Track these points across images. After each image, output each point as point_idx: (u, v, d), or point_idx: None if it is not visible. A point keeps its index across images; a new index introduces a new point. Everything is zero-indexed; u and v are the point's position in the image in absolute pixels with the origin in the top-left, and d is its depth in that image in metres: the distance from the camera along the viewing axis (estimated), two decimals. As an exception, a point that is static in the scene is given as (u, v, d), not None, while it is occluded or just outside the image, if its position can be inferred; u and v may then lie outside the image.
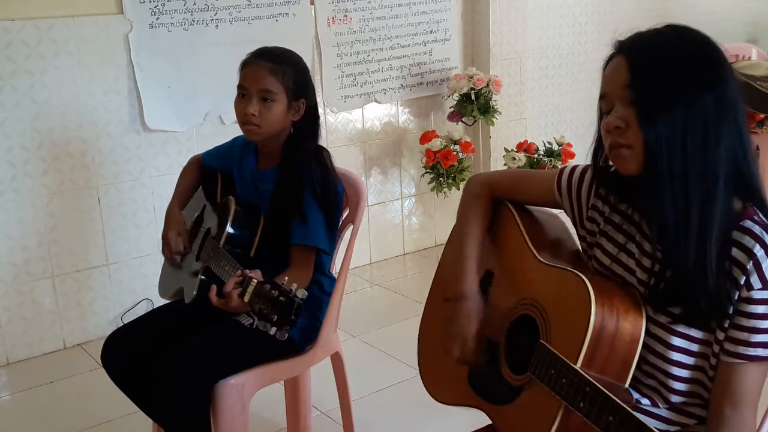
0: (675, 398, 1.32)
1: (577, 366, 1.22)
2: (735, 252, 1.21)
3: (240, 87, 1.98)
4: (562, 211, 1.55)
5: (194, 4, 3.21)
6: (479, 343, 1.50)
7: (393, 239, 4.13)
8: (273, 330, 1.55)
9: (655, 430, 1.09)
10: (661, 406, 1.35)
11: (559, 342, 1.29)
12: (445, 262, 1.74)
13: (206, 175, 2.23)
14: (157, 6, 3.13)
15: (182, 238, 2.10)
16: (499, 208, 1.64)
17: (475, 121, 3.89)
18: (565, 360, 1.24)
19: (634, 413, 1.12)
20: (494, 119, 3.88)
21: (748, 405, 1.22)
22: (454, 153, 3.72)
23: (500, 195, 1.64)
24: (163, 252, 2.13)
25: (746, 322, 1.21)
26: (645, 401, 1.36)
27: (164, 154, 3.28)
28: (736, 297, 1.22)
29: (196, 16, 3.23)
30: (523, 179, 1.65)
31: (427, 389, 1.67)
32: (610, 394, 1.15)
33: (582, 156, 1.43)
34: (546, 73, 4.47)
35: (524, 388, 1.34)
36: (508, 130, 4.20)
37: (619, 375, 1.25)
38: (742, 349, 1.21)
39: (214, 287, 1.74)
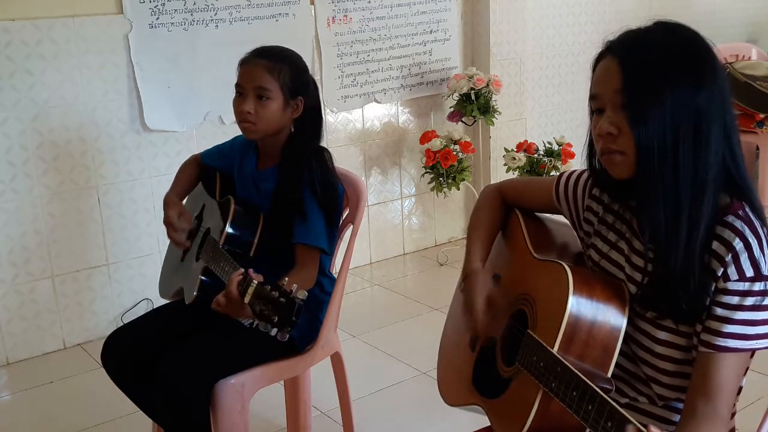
0: (668, 393, 1.33)
1: (554, 350, 1.23)
2: (716, 245, 1.22)
3: (237, 85, 1.98)
4: None
5: (194, 4, 3.21)
6: (490, 312, 1.52)
7: (393, 239, 4.13)
8: (274, 331, 1.55)
9: (617, 407, 1.09)
10: (658, 403, 1.35)
11: (541, 329, 1.31)
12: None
13: (205, 174, 2.23)
14: (157, 6, 3.13)
15: (185, 218, 2.08)
16: (509, 216, 1.68)
17: (475, 121, 3.89)
18: (543, 343, 1.26)
19: (600, 391, 1.12)
20: (494, 119, 3.88)
21: (721, 398, 1.21)
22: (454, 153, 3.72)
23: (510, 201, 1.69)
24: (169, 235, 2.08)
25: (720, 312, 1.21)
26: (642, 399, 1.37)
27: (164, 154, 3.28)
28: (712, 288, 1.22)
29: (196, 16, 3.23)
30: (528, 186, 1.70)
31: (440, 393, 1.70)
32: (579, 373, 1.16)
33: (582, 155, 1.44)
34: (546, 73, 4.47)
35: (513, 379, 1.36)
36: (508, 130, 4.20)
37: (601, 363, 1.26)
38: (713, 339, 1.21)
39: (216, 299, 1.73)
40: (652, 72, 1.21)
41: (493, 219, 1.69)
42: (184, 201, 2.22)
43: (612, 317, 1.28)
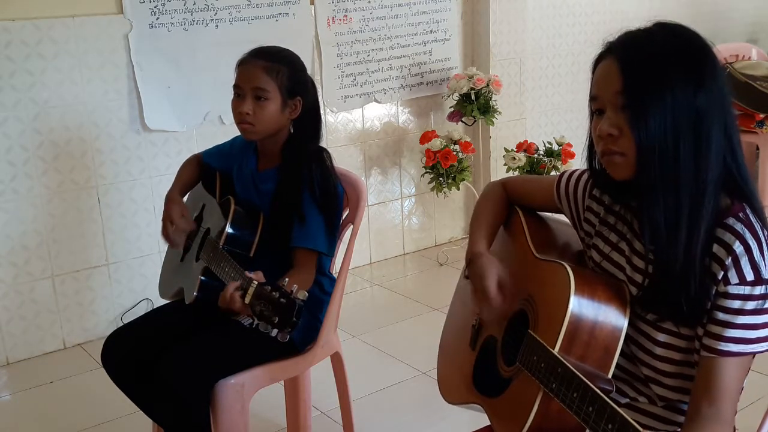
0: (668, 394, 1.33)
1: (556, 350, 1.23)
2: (716, 248, 1.22)
3: (235, 86, 1.98)
4: None
5: (194, 4, 3.21)
6: (505, 291, 1.47)
7: (393, 239, 4.13)
8: (274, 332, 1.55)
9: (618, 409, 1.09)
10: (658, 403, 1.35)
11: (542, 329, 1.31)
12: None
13: (205, 174, 2.23)
14: (157, 6, 3.13)
15: (186, 218, 2.07)
16: (511, 214, 1.68)
17: (475, 121, 3.89)
18: (544, 344, 1.26)
19: (601, 393, 1.12)
20: (494, 119, 3.88)
21: (725, 401, 1.22)
22: (454, 153, 3.72)
23: (512, 198, 1.69)
24: (164, 233, 2.07)
25: (721, 316, 1.21)
26: (642, 399, 1.37)
27: (164, 154, 3.28)
28: (713, 292, 1.22)
29: (196, 16, 3.23)
30: (529, 185, 1.70)
31: (440, 391, 1.70)
32: (579, 373, 1.16)
33: (582, 155, 1.43)
34: (546, 73, 4.47)
35: (513, 379, 1.36)
36: (508, 130, 4.20)
37: (602, 364, 1.26)
38: (715, 344, 1.21)
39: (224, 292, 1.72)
40: (652, 73, 1.20)
41: (496, 211, 1.67)
42: (185, 199, 2.22)
43: (613, 318, 1.28)
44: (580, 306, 1.26)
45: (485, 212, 1.67)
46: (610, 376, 1.26)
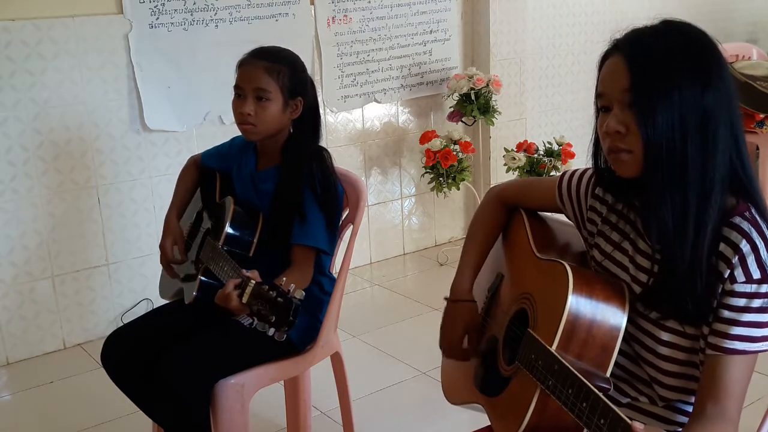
0: (669, 395, 1.33)
1: (553, 348, 1.24)
2: (722, 247, 1.22)
3: (236, 87, 1.98)
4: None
5: (194, 4, 3.21)
6: (464, 341, 1.58)
7: (393, 239, 4.13)
8: (271, 331, 1.55)
9: (610, 405, 1.09)
10: (659, 404, 1.35)
11: (541, 328, 1.32)
12: None
13: (205, 175, 2.23)
14: (156, 6, 3.13)
15: (179, 247, 2.10)
16: (514, 215, 1.68)
17: (475, 121, 3.89)
18: (542, 342, 1.26)
19: (596, 391, 1.12)
20: (494, 119, 3.88)
21: (730, 400, 1.21)
22: (454, 153, 3.72)
23: (512, 204, 1.69)
24: (161, 261, 2.13)
25: (727, 314, 1.21)
26: (643, 399, 1.37)
27: (164, 154, 3.28)
28: (719, 290, 1.22)
29: (196, 16, 3.23)
30: (530, 187, 1.70)
31: (443, 391, 1.71)
32: (575, 371, 1.16)
33: (582, 155, 1.43)
34: (546, 73, 4.47)
35: (512, 378, 1.36)
36: (508, 130, 4.20)
37: (600, 363, 1.26)
38: (721, 342, 1.21)
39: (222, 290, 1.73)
40: (659, 70, 1.20)
41: (490, 228, 1.69)
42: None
43: (611, 317, 1.28)
44: (577, 304, 1.27)
45: (476, 235, 1.69)
46: (608, 374, 1.26)
